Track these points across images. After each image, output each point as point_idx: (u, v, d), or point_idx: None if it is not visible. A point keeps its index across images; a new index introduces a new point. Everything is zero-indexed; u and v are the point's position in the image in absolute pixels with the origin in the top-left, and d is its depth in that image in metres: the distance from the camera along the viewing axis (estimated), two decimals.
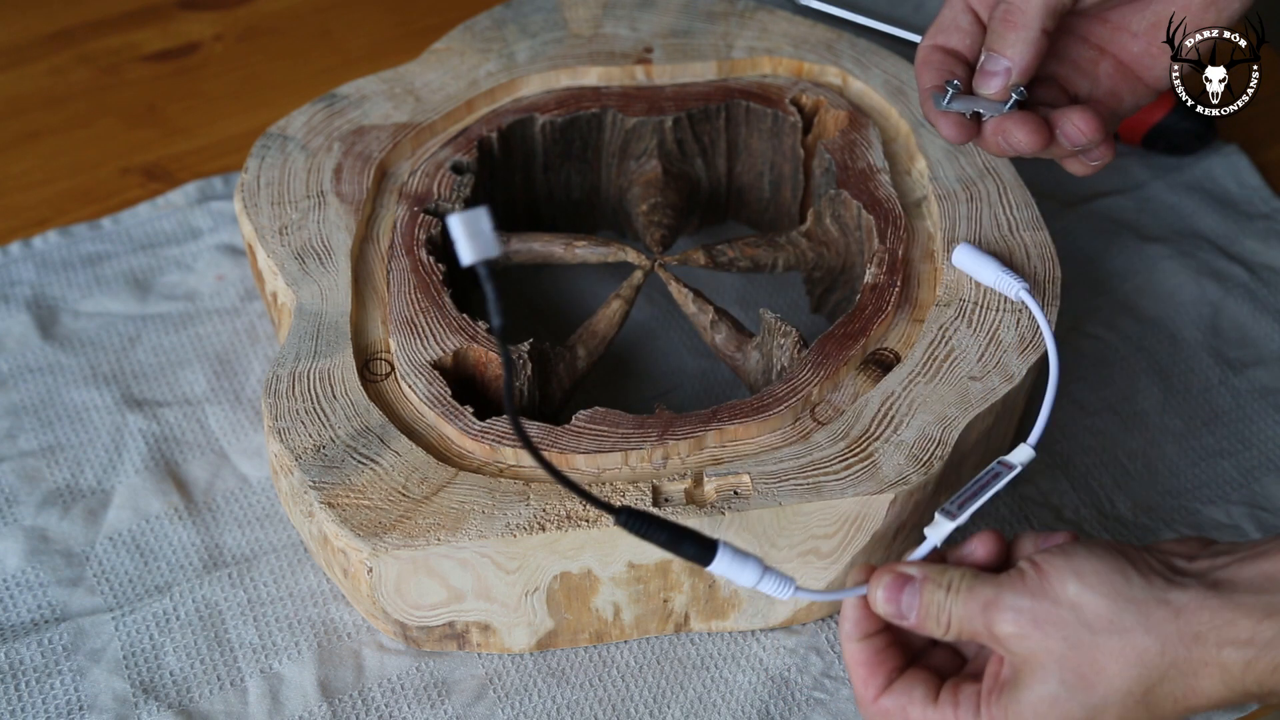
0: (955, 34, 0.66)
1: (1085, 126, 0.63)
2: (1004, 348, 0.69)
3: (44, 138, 0.92)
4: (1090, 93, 0.67)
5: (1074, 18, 0.65)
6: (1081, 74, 0.67)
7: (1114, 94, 0.67)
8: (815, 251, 0.78)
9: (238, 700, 0.67)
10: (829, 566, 0.66)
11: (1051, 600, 0.53)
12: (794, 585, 0.58)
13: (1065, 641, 0.53)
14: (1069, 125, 0.63)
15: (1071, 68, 0.67)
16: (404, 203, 0.76)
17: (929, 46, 0.67)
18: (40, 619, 0.70)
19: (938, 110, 0.65)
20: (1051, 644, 0.53)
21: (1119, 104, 0.67)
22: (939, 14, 0.67)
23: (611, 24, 0.84)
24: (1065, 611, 0.53)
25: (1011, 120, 0.64)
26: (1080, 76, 0.67)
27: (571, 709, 0.68)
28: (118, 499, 0.74)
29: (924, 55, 0.67)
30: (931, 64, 0.66)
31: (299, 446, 0.66)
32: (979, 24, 0.66)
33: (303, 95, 0.85)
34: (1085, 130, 0.63)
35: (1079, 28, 0.67)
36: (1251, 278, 0.87)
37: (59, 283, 0.84)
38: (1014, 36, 0.63)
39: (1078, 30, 0.67)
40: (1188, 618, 0.52)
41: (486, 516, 0.63)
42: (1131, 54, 0.66)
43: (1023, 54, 0.63)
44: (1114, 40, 0.67)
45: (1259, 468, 0.78)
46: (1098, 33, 0.67)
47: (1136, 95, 0.67)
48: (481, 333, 0.70)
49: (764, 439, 0.67)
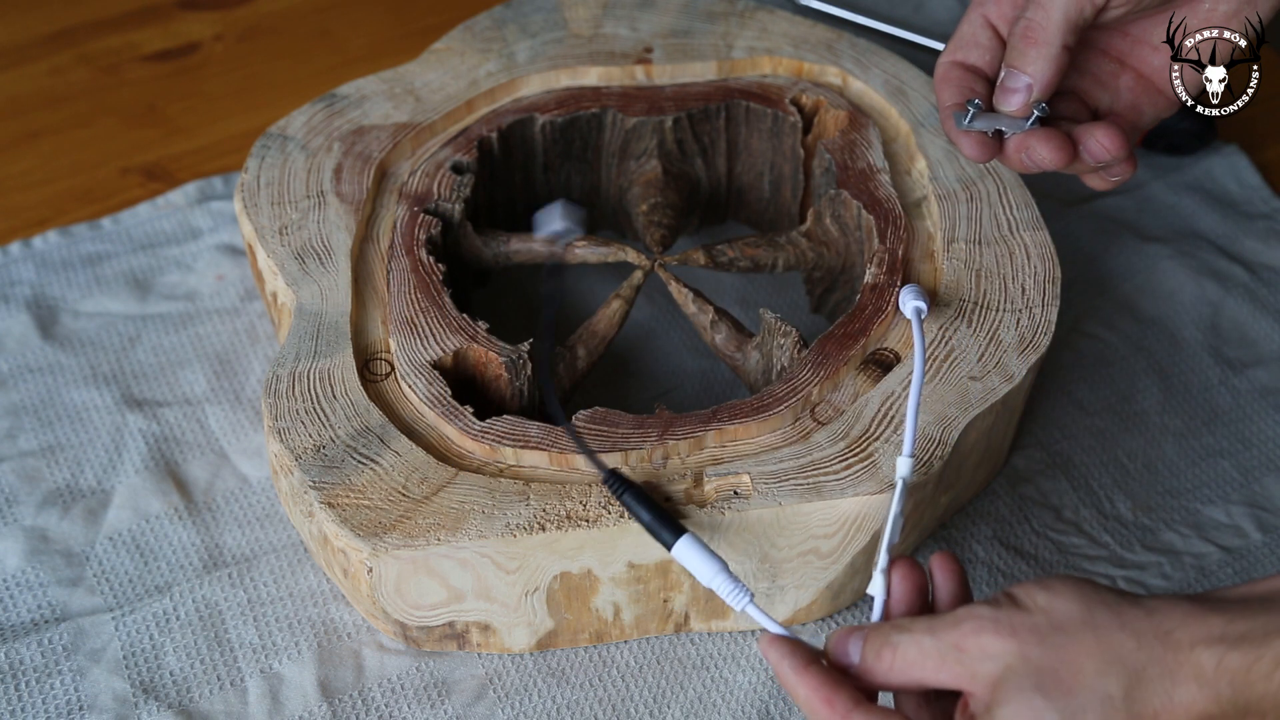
0: (974, 50, 0.66)
1: (1110, 143, 0.63)
2: (1004, 348, 0.69)
3: (44, 138, 0.92)
4: (1111, 106, 0.67)
5: (1094, 31, 0.65)
6: (1102, 87, 0.67)
7: (1134, 107, 0.67)
8: (815, 251, 0.78)
9: (238, 700, 0.67)
10: (829, 566, 0.66)
11: (1022, 609, 0.51)
12: (749, 597, 0.58)
13: (1039, 645, 0.50)
14: (1093, 142, 0.63)
15: (1092, 81, 0.67)
16: (404, 203, 0.76)
17: (948, 63, 0.66)
18: (40, 619, 0.70)
19: (959, 129, 0.64)
20: (1025, 648, 0.50)
21: (1140, 117, 0.67)
22: (957, 29, 0.67)
23: (611, 24, 0.84)
24: (1037, 617, 0.51)
25: (1035, 137, 0.63)
26: (1101, 90, 0.67)
27: (571, 709, 0.68)
28: (118, 499, 0.74)
29: (943, 72, 0.66)
30: (951, 81, 0.65)
31: (299, 446, 0.66)
32: (998, 39, 0.66)
33: (303, 95, 0.85)
34: (1110, 147, 0.63)
35: (1099, 41, 0.66)
36: (1251, 278, 0.87)
37: (59, 283, 0.84)
38: (1035, 53, 0.62)
39: (1098, 43, 0.66)
40: (1160, 616, 0.50)
41: (486, 516, 0.63)
42: (1152, 67, 0.66)
43: (1044, 70, 0.62)
44: (1134, 53, 0.66)
45: (1259, 468, 0.78)
46: (1118, 46, 0.66)
47: (1157, 108, 0.67)
48: (481, 333, 0.70)
49: (764, 439, 0.67)
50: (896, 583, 0.57)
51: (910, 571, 0.57)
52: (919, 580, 0.57)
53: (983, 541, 0.74)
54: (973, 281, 0.72)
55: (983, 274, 0.72)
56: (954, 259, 0.73)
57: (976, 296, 0.71)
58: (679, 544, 0.60)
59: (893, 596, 0.57)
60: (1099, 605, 0.51)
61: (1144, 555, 0.74)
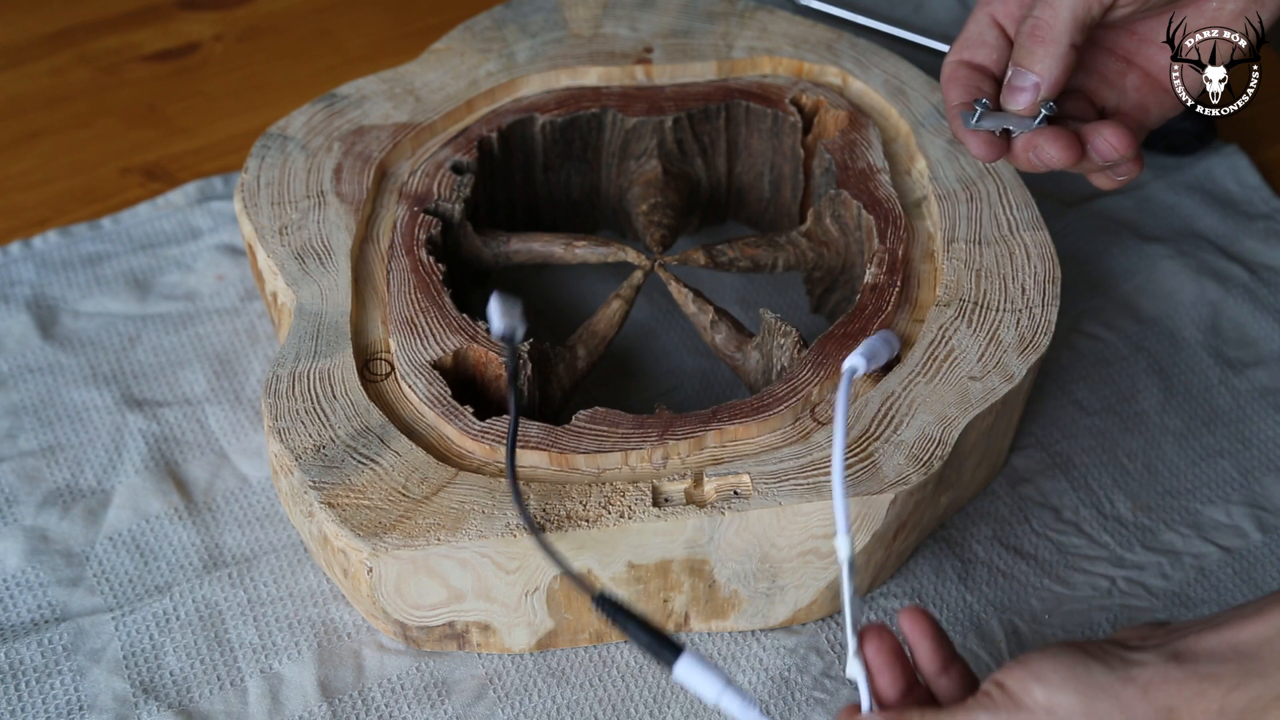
0: (981, 49, 0.65)
1: (1118, 142, 0.62)
2: (1004, 348, 0.69)
3: (44, 138, 0.92)
4: (1118, 105, 0.66)
5: (1101, 30, 0.65)
6: (1109, 86, 0.66)
7: (1141, 106, 0.66)
8: (815, 251, 0.78)
9: (238, 700, 0.67)
10: (829, 566, 0.66)
11: (1025, 710, 0.51)
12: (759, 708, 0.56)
13: None
14: (1101, 141, 0.63)
15: (1099, 80, 0.66)
16: (404, 203, 0.76)
17: (955, 62, 0.66)
18: (40, 619, 0.70)
19: (967, 129, 0.64)
20: None
21: (1146, 116, 0.67)
22: (964, 28, 0.66)
23: (611, 24, 0.84)
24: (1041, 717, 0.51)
25: (1042, 136, 0.63)
26: (1107, 89, 0.66)
27: (571, 709, 0.68)
28: (118, 499, 0.74)
29: (950, 71, 0.66)
30: (958, 80, 0.65)
31: (299, 446, 0.66)
32: (1005, 38, 0.65)
33: (303, 95, 0.85)
34: (1118, 146, 0.62)
35: (1106, 40, 0.66)
36: (1251, 278, 0.87)
37: (59, 283, 0.84)
38: (1042, 51, 0.62)
39: (1105, 42, 0.66)
40: (1155, 693, 0.50)
41: (486, 516, 0.63)
42: (1159, 66, 0.66)
43: (1052, 69, 0.62)
44: (1141, 52, 0.66)
45: (1259, 468, 0.78)
46: (1125, 45, 0.66)
47: (1164, 108, 0.67)
48: (481, 333, 0.70)
49: (764, 439, 0.67)
50: (872, 656, 0.56)
51: (883, 641, 0.56)
52: (893, 646, 0.57)
53: (983, 541, 0.74)
54: (973, 281, 0.72)
55: (983, 274, 0.72)
56: (954, 259, 0.73)
57: (976, 296, 0.71)
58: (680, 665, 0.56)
59: (875, 672, 0.57)
60: (1097, 694, 0.51)
61: (1144, 555, 0.74)
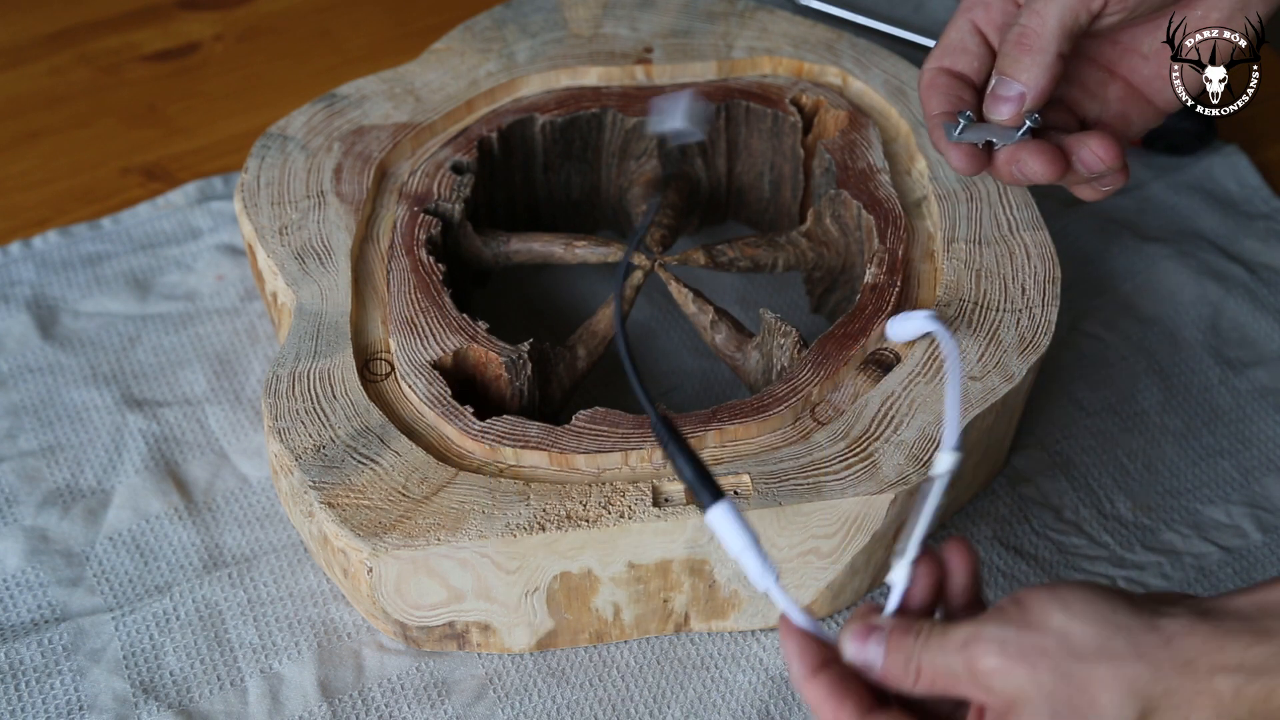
0: (962, 56, 0.64)
1: (1104, 153, 0.61)
2: (1004, 348, 0.69)
3: (44, 138, 0.92)
4: (1099, 115, 0.65)
5: (1085, 39, 0.63)
6: (1090, 96, 0.65)
7: (1123, 117, 0.66)
8: (815, 251, 0.78)
9: (238, 700, 0.67)
10: (829, 566, 0.66)
11: (1037, 630, 0.50)
12: (775, 576, 0.55)
13: (1054, 673, 0.50)
14: (1086, 152, 0.62)
15: (1080, 90, 0.65)
16: (404, 203, 0.76)
17: (935, 70, 0.64)
18: (40, 619, 0.70)
19: (950, 141, 0.63)
20: (1040, 676, 0.50)
21: (1128, 127, 0.66)
22: (944, 35, 0.65)
23: (611, 24, 0.84)
24: (1051, 640, 0.50)
25: (1026, 150, 0.62)
26: (1089, 99, 0.65)
27: (571, 709, 0.68)
28: (118, 499, 0.74)
29: (929, 79, 0.64)
30: (938, 88, 0.64)
31: (299, 446, 0.66)
32: (987, 46, 0.64)
33: (303, 95, 0.85)
34: (1104, 157, 0.61)
35: (1089, 49, 0.65)
36: (1251, 278, 0.87)
37: (59, 283, 0.84)
38: (1029, 60, 0.61)
39: (1087, 52, 0.65)
40: (1178, 644, 0.50)
41: (486, 516, 0.63)
42: (1142, 76, 0.65)
43: (1038, 79, 0.61)
44: (1124, 62, 0.65)
45: (1259, 468, 0.78)
46: (1107, 54, 0.65)
47: (1145, 118, 0.66)
48: (481, 333, 0.70)
49: (764, 439, 0.67)
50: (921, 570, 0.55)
51: (932, 566, 0.56)
52: (937, 575, 0.56)
53: (983, 541, 0.74)
54: (973, 281, 0.72)
55: (983, 274, 0.72)
56: (954, 259, 0.73)
57: (976, 296, 0.71)
58: (714, 509, 0.55)
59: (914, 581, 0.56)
60: (1116, 632, 0.50)
61: (1144, 555, 0.74)
